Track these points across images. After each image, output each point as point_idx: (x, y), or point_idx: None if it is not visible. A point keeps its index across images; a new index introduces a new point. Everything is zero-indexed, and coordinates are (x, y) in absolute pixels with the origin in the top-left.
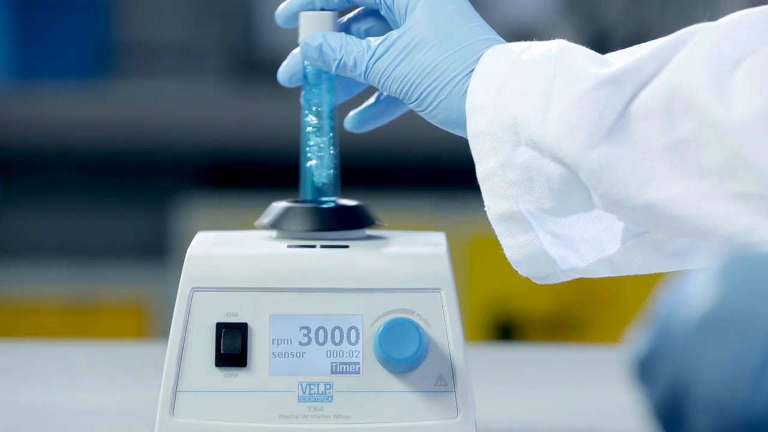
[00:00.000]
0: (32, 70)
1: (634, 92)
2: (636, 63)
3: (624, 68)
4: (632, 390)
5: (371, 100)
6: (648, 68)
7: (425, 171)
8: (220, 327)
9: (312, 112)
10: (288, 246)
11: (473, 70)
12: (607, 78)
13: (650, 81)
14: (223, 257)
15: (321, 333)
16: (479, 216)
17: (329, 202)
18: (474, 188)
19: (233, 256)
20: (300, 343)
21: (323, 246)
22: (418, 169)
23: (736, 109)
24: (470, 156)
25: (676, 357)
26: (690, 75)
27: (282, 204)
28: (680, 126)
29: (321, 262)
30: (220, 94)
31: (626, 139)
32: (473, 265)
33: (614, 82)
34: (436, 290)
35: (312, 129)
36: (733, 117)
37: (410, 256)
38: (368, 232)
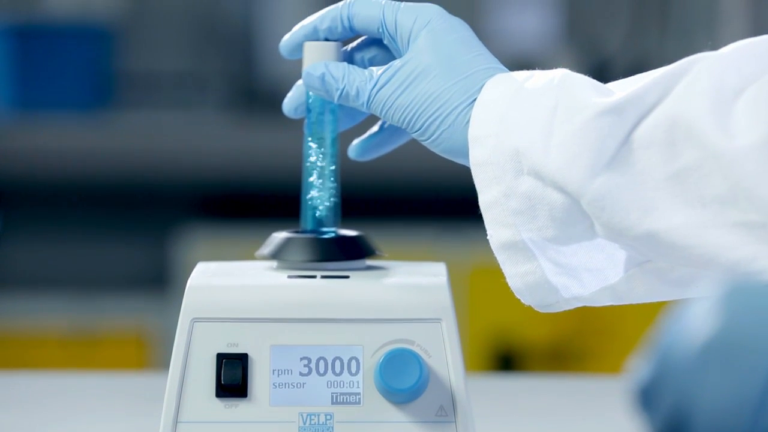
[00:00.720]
0: (33, 101)
1: (636, 121)
2: (638, 92)
3: (626, 97)
4: (634, 418)
5: (375, 129)
6: (650, 97)
7: (426, 201)
8: (221, 357)
9: (314, 142)
10: (288, 276)
11: (476, 99)
12: (609, 107)
13: (652, 110)
14: (224, 288)
15: (321, 363)
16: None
17: (330, 233)
18: (474, 218)
19: (234, 287)
20: (300, 374)
21: (324, 276)
22: (419, 200)
23: (738, 139)
24: (471, 186)
25: (678, 385)
26: (692, 104)
27: (282, 234)
28: (682, 155)
29: (321, 293)
30: (221, 125)
31: (628, 168)
32: (474, 296)
33: (616, 111)
34: (437, 320)
35: (314, 159)
36: (735, 146)
37: (411, 287)
38: (369, 263)
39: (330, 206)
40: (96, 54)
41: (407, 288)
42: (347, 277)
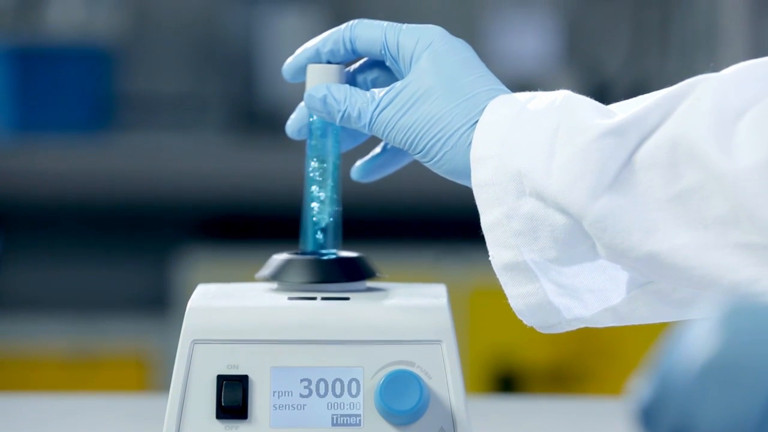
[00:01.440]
0: (34, 123)
1: (638, 142)
2: (640, 113)
3: (628, 119)
4: None
5: (377, 150)
6: (652, 119)
7: (426, 223)
8: (221, 379)
9: (316, 164)
10: (289, 298)
11: (478, 121)
12: (611, 128)
13: (654, 131)
14: (224, 309)
15: (322, 385)
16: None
17: (330, 254)
18: (475, 240)
19: (234, 309)
20: (301, 395)
21: (324, 298)
22: (419, 221)
23: (740, 160)
24: (471, 208)
25: (678, 405)
26: (693, 125)
27: (283, 256)
28: (684, 176)
29: (322, 314)
30: (221, 147)
31: (630, 189)
32: (474, 317)
33: (618, 133)
34: (437, 342)
35: (315, 181)
36: (737, 168)
37: (411, 308)
38: (369, 284)
39: (331, 228)
40: (96, 76)
41: (408, 309)
42: (347, 299)
